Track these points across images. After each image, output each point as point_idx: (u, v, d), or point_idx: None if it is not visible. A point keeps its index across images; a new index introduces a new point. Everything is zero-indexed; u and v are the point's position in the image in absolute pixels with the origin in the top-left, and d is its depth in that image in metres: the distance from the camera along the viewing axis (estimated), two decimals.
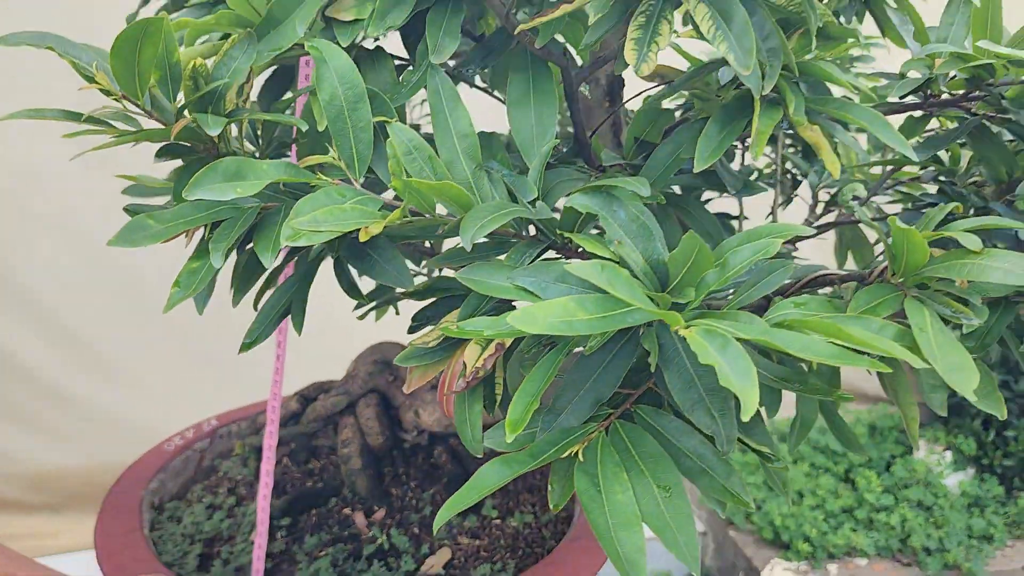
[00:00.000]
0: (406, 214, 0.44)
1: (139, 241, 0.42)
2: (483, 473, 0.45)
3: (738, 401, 0.37)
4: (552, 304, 0.36)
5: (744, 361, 0.35)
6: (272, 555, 0.87)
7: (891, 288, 0.46)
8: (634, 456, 0.43)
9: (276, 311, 0.51)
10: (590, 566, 0.86)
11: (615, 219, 0.44)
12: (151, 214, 0.42)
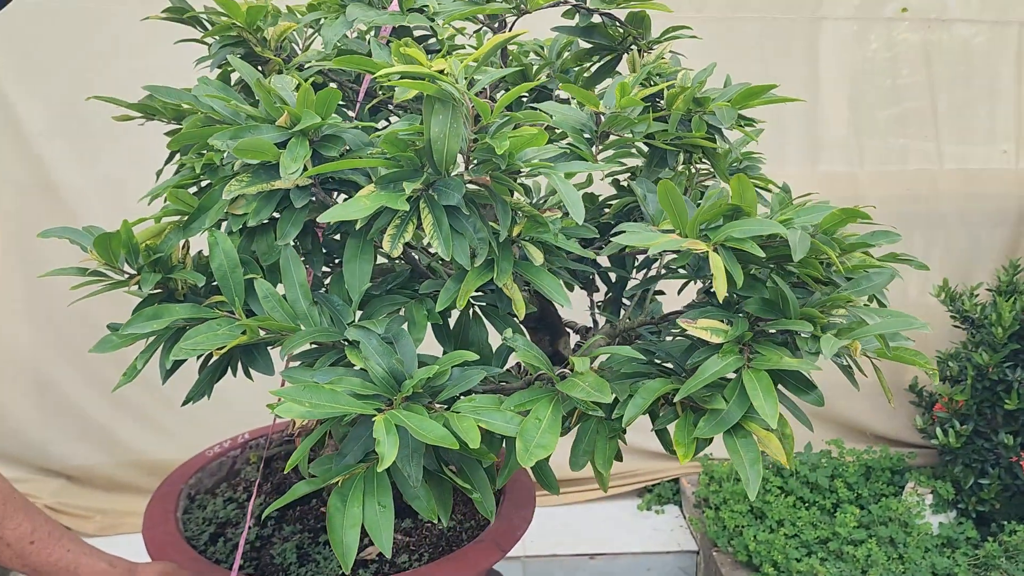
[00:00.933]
0: (257, 334, 0.76)
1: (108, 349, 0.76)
2: (297, 488, 0.75)
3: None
4: (304, 401, 0.67)
5: (394, 438, 0.65)
6: (260, 538, 1.21)
7: (545, 390, 0.74)
8: (373, 488, 0.73)
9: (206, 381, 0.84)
10: (484, 562, 1.15)
11: (368, 343, 0.74)
12: (114, 333, 0.76)
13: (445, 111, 0.72)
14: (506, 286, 0.77)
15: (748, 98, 0.98)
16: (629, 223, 0.82)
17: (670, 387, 0.74)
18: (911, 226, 2.44)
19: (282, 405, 0.67)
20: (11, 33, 2.01)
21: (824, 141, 2.37)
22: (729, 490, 2.14)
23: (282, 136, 0.78)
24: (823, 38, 2.29)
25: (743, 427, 0.72)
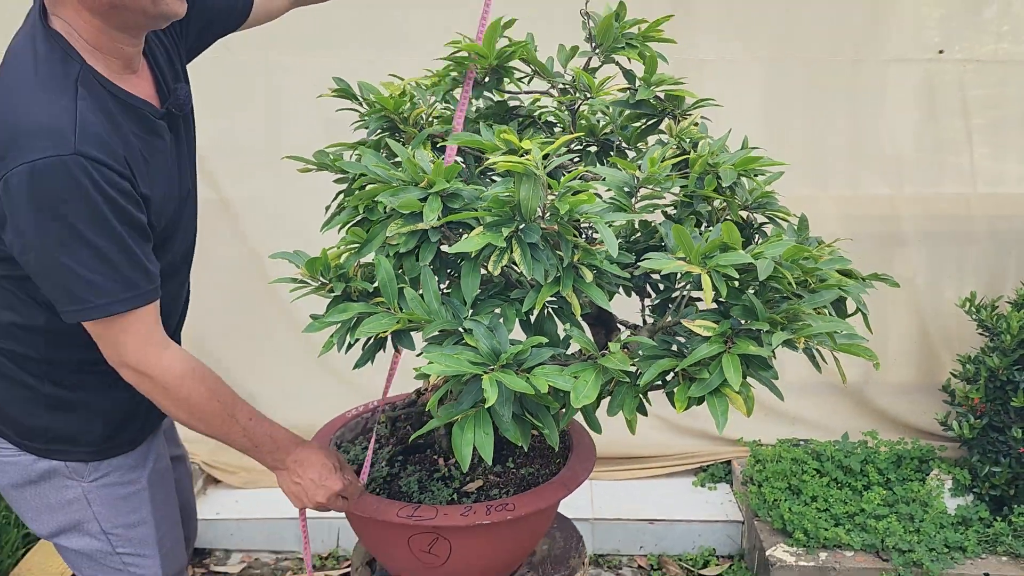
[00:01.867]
0: (406, 323, 1.18)
1: (314, 330, 1.19)
2: (431, 423, 1.17)
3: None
4: (441, 362, 1.09)
5: (494, 388, 1.05)
6: (391, 475, 1.64)
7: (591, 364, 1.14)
8: (481, 422, 1.13)
9: (370, 352, 1.28)
10: (554, 496, 1.55)
11: (478, 330, 1.15)
12: (316, 320, 1.20)
13: (529, 181, 1.13)
14: (568, 295, 1.17)
15: (747, 163, 1.36)
16: (655, 252, 1.21)
17: (673, 364, 1.13)
18: (947, 243, 2.73)
19: (428, 366, 1.09)
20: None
21: (865, 167, 2.68)
22: (771, 470, 2.48)
23: (423, 194, 1.20)
24: (862, 77, 2.61)
25: (720, 391, 1.10)
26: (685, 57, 2.62)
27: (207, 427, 1.34)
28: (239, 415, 1.35)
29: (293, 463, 1.44)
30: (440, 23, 2.49)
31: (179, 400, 1.29)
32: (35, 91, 1.16)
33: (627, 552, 2.57)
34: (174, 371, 1.27)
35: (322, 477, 1.43)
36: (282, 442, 1.44)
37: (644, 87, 1.45)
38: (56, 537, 1.50)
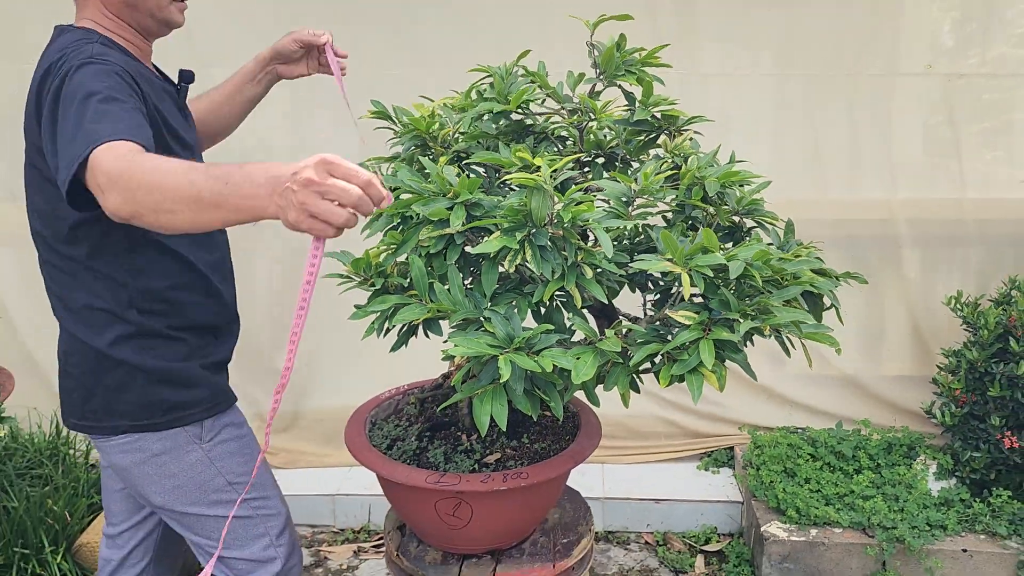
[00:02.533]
0: (435, 313, 1.40)
1: (358, 317, 1.42)
2: (454, 396, 1.39)
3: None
4: (464, 345, 1.31)
5: (508, 367, 1.27)
6: (419, 448, 1.86)
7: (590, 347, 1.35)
8: (497, 395, 1.35)
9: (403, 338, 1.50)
10: (563, 466, 1.76)
11: (496, 319, 1.36)
12: (360, 309, 1.42)
13: (538, 194, 1.34)
14: (571, 289, 1.39)
15: (729, 176, 1.56)
16: (646, 253, 1.43)
17: (659, 347, 1.35)
18: (939, 244, 2.91)
19: (453, 348, 1.31)
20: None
21: (861, 173, 2.87)
22: (769, 454, 2.68)
23: (449, 203, 1.42)
24: (857, 90, 2.80)
25: (697, 370, 1.31)
26: (691, 71, 2.83)
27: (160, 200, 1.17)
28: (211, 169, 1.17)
29: (277, 182, 1.09)
30: (463, 40, 2.72)
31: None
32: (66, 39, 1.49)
33: (635, 529, 2.78)
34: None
35: (275, 180, 1.09)
36: (249, 169, 1.13)
37: (642, 108, 1.66)
38: (185, 506, 1.64)
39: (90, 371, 1.57)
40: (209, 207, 1.14)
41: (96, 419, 1.60)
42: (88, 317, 1.56)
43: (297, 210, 1.07)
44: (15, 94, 2.85)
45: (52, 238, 1.55)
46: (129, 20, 1.56)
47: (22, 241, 3.00)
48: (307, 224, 1.08)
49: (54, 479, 2.47)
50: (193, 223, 1.17)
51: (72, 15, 1.63)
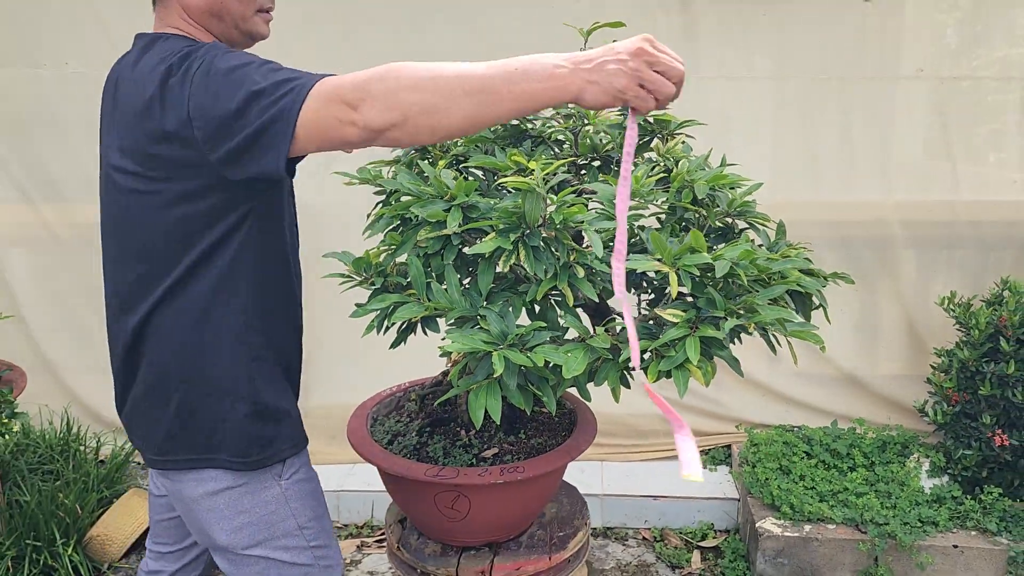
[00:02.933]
0: (432, 311, 1.46)
1: (359, 315, 1.47)
2: (452, 391, 1.45)
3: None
4: (460, 341, 1.36)
5: (502, 362, 1.33)
6: (419, 443, 1.91)
7: (581, 344, 1.41)
8: (491, 390, 1.41)
9: (403, 335, 1.55)
10: (559, 461, 1.82)
11: (491, 316, 1.42)
12: (361, 307, 1.47)
13: (532, 196, 1.40)
14: (563, 288, 1.44)
15: (718, 179, 1.61)
16: (638, 254, 1.48)
17: (647, 344, 1.40)
18: (934, 246, 2.95)
19: (449, 344, 1.36)
20: None
21: (856, 175, 2.92)
22: (764, 451, 2.73)
23: (447, 206, 1.48)
24: (851, 94, 2.84)
25: (683, 366, 1.36)
26: (689, 75, 2.87)
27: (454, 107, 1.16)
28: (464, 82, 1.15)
29: (566, 70, 1.14)
30: (465, 45, 2.78)
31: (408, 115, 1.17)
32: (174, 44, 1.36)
33: (633, 525, 2.83)
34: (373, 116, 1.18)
35: (603, 53, 1.15)
36: (537, 62, 1.15)
37: None
38: (249, 548, 1.49)
39: (190, 404, 1.43)
40: (495, 97, 1.13)
41: (186, 453, 1.44)
42: (199, 348, 1.41)
43: (628, 77, 1.11)
44: (30, 99, 2.94)
45: (160, 277, 1.39)
46: (214, 30, 1.44)
47: (35, 241, 3.09)
48: (633, 93, 1.13)
49: (65, 474, 2.53)
50: (472, 119, 1.16)
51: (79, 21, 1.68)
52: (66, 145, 2.99)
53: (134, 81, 1.34)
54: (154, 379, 1.43)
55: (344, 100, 1.16)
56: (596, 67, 1.12)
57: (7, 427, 2.21)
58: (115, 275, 1.46)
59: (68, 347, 3.15)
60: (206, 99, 1.22)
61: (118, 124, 1.37)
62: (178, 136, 1.26)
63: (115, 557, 2.39)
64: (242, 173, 1.27)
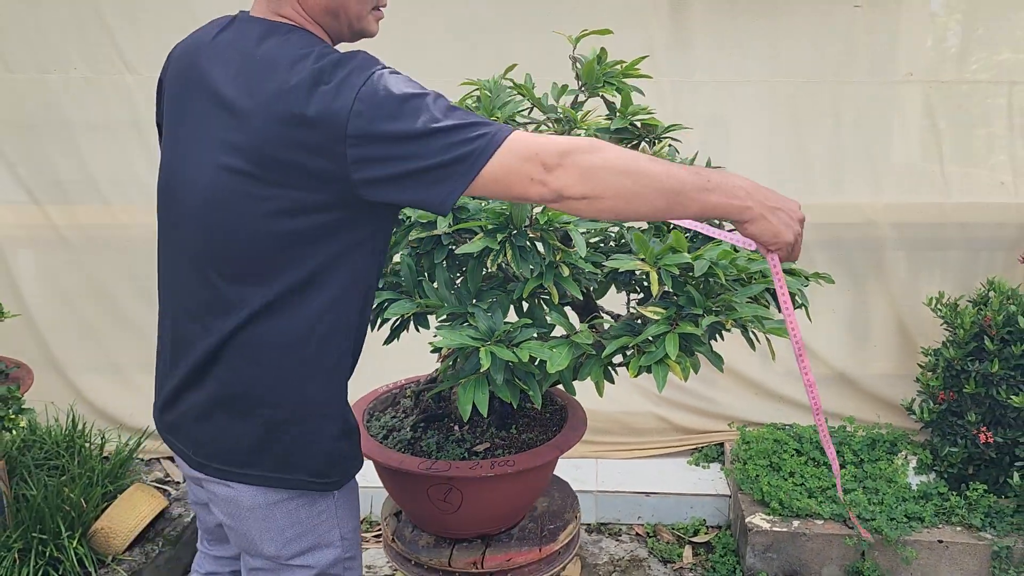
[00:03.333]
0: (424, 307, 1.51)
1: None
2: (441, 384, 1.51)
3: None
4: (449, 337, 1.42)
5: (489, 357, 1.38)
6: (413, 438, 1.97)
7: (566, 340, 1.46)
8: (479, 384, 1.46)
9: (397, 331, 1.61)
10: (549, 455, 1.87)
11: (479, 313, 1.48)
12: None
13: None
14: (548, 286, 1.50)
15: None
16: (620, 253, 1.53)
17: (629, 340, 1.45)
18: (923, 247, 3.00)
19: (439, 340, 1.42)
20: None
21: (846, 177, 2.97)
22: (755, 449, 2.78)
23: None
24: (841, 97, 2.90)
25: (663, 361, 1.42)
26: (683, 80, 2.94)
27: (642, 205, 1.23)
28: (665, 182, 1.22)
29: (752, 199, 1.29)
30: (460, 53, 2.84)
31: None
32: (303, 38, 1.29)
33: (626, 521, 2.88)
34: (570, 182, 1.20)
35: (784, 203, 1.33)
36: (726, 179, 1.28)
37: (620, 117, 1.77)
38: (295, 558, 1.43)
39: (280, 423, 1.35)
40: (685, 200, 1.23)
41: (260, 470, 1.37)
42: (299, 369, 1.34)
43: (794, 235, 1.32)
44: (38, 103, 3.00)
45: (257, 290, 1.30)
46: (327, 27, 1.36)
47: (42, 242, 3.15)
48: (789, 248, 1.34)
49: (70, 469, 2.59)
50: (657, 213, 1.25)
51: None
52: (72, 148, 3.06)
53: (255, 69, 1.25)
54: (235, 393, 1.34)
55: (542, 161, 1.18)
56: (775, 210, 1.30)
57: (14, 422, 2.27)
58: (189, 280, 1.35)
59: (74, 346, 3.22)
60: (376, 122, 1.17)
61: (221, 114, 1.26)
62: (322, 148, 1.19)
63: (119, 550, 2.44)
64: (388, 198, 1.23)
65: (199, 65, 1.33)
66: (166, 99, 1.42)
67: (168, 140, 1.39)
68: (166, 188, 1.39)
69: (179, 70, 1.39)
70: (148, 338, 3.16)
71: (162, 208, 1.41)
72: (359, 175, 1.20)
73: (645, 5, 2.87)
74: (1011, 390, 2.42)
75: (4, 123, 3.06)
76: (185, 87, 1.35)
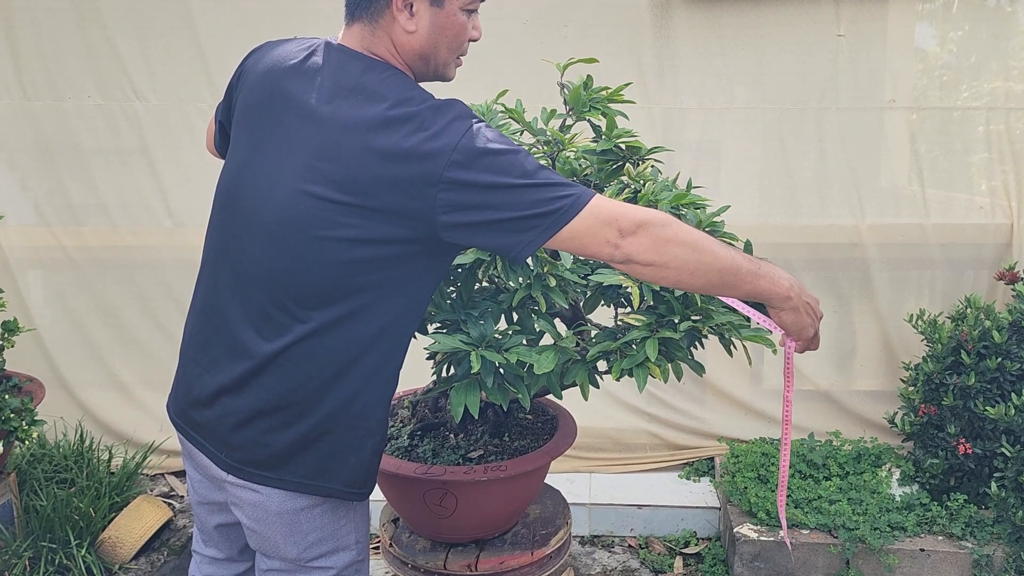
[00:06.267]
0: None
1: None
2: (436, 387, 1.60)
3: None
4: (442, 342, 1.52)
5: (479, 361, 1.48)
6: (410, 445, 2.06)
7: (553, 346, 1.56)
8: (471, 388, 1.55)
9: None
10: (540, 461, 1.95)
11: (471, 321, 1.57)
12: None
13: None
14: (536, 296, 1.60)
15: (679, 199, 1.77)
16: (605, 268, 1.63)
17: (611, 345, 1.55)
18: (906, 267, 3.10)
19: (434, 345, 1.52)
20: None
21: (831, 199, 3.08)
22: (744, 462, 2.86)
23: None
24: (825, 122, 3.01)
25: (644, 364, 1.51)
26: (672, 106, 3.06)
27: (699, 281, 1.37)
28: (724, 263, 1.37)
29: (793, 291, 1.45)
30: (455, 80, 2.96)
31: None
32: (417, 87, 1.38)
33: (619, 533, 2.95)
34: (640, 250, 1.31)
35: (814, 302, 1.50)
36: (773, 269, 1.45)
37: (606, 140, 1.88)
38: (315, 560, 1.49)
39: (323, 435, 1.41)
40: (738, 281, 1.38)
41: (296, 476, 1.41)
42: (348, 386, 1.40)
43: (814, 331, 1.50)
44: (54, 129, 3.13)
45: (315, 310, 1.35)
46: (415, 69, 1.43)
47: (51, 263, 3.26)
48: (805, 337, 1.50)
49: (79, 482, 2.67)
50: (709, 288, 1.40)
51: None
52: (83, 172, 3.18)
53: (359, 99, 1.31)
54: (282, 403, 1.39)
55: (619, 227, 1.29)
56: (809, 306, 1.47)
57: (27, 434, 2.36)
58: (248, 291, 1.39)
59: (81, 364, 3.31)
60: (472, 171, 1.25)
61: (313, 137, 1.32)
62: (414, 186, 1.26)
63: (125, 559, 2.52)
64: (467, 242, 1.34)
65: (287, 85, 1.39)
66: (243, 108, 1.46)
67: (244, 149, 1.43)
68: (232, 194, 1.44)
69: (262, 84, 1.43)
70: (154, 356, 3.28)
71: (223, 213, 1.46)
72: (446, 218, 1.28)
73: (634, 36, 3.00)
74: (988, 402, 2.51)
75: (21, 148, 3.18)
76: (270, 102, 1.40)
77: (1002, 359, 2.53)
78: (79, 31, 3.07)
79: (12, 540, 2.45)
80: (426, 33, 1.38)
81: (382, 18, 1.38)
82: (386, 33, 1.38)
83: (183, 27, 3.06)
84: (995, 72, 2.96)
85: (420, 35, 1.38)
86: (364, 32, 1.40)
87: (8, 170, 3.20)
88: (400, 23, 1.37)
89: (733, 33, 2.99)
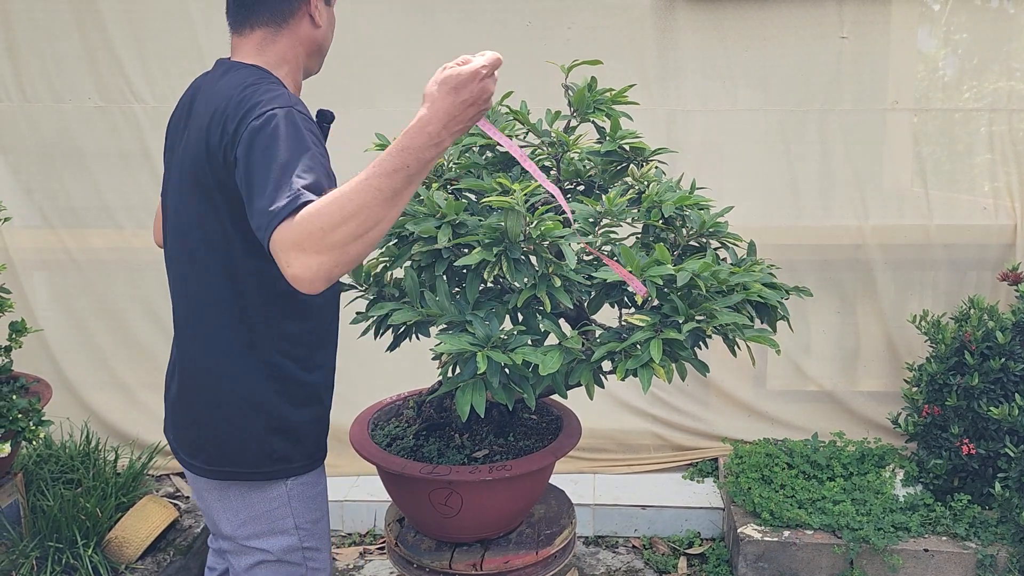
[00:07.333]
0: (425, 316, 1.62)
1: (359, 322, 1.63)
2: (443, 387, 1.61)
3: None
4: (448, 343, 1.53)
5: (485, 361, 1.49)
6: (416, 445, 2.06)
7: (557, 346, 1.56)
8: (477, 387, 1.56)
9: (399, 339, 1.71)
10: (544, 461, 1.96)
11: (476, 322, 1.58)
12: (361, 315, 1.63)
13: (513, 214, 1.57)
14: (541, 295, 1.60)
15: (682, 200, 1.78)
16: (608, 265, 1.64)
17: (616, 346, 1.56)
18: (909, 268, 3.11)
19: (439, 346, 1.52)
20: None
21: (834, 200, 3.08)
22: (748, 462, 2.86)
23: (438, 223, 1.65)
24: (830, 124, 3.02)
25: (648, 365, 1.52)
26: (675, 108, 3.07)
27: (370, 217, 1.26)
28: (371, 190, 1.26)
29: (432, 126, 1.33)
30: None
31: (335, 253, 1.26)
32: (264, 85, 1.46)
33: (623, 534, 2.96)
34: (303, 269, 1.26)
35: (459, 91, 1.35)
36: (410, 138, 1.31)
37: (610, 141, 1.89)
38: (249, 540, 1.64)
39: (222, 415, 1.59)
40: (401, 192, 1.27)
41: (207, 462, 1.62)
42: (230, 367, 1.57)
43: (477, 110, 1.37)
44: (54, 131, 3.14)
45: (220, 272, 1.52)
46: (308, 64, 1.65)
47: (55, 265, 3.27)
48: (477, 117, 1.38)
49: (85, 482, 2.68)
50: (393, 219, 1.28)
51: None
52: (85, 174, 3.19)
53: (202, 108, 1.54)
54: (183, 389, 1.63)
55: (289, 258, 1.28)
56: (454, 120, 1.39)
57: (34, 433, 2.37)
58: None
59: (85, 365, 3.32)
60: (238, 161, 1.41)
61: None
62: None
63: (131, 558, 2.53)
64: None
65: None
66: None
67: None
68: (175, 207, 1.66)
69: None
70: (157, 359, 3.29)
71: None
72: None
73: (637, 38, 3.01)
74: (991, 402, 2.52)
75: (22, 150, 3.20)
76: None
77: (1006, 360, 2.54)
78: (78, 33, 3.08)
79: (19, 540, 2.46)
80: (326, 27, 1.64)
81: (292, 18, 1.57)
82: (292, 33, 1.58)
83: (181, 29, 3.07)
84: (997, 74, 2.97)
85: (323, 29, 1.63)
86: (265, 37, 1.57)
87: (12, 172, 3.22)
88: (314, 19, 1.59)
89: (736, 35, 2.99)
